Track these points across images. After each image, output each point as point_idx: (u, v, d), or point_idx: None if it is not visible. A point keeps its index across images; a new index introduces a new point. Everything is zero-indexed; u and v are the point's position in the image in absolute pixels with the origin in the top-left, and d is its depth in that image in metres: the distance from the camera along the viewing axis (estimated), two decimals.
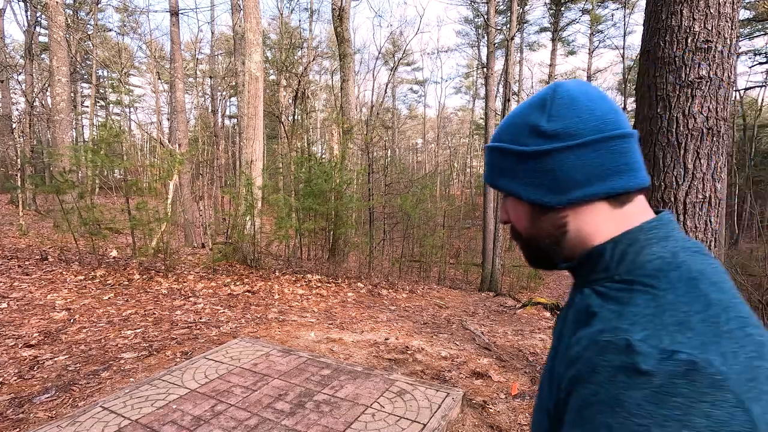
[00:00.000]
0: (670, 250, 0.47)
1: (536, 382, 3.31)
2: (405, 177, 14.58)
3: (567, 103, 0.53)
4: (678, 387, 0.36)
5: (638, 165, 0.52)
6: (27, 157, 13.56)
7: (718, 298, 0.43)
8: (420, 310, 6.19)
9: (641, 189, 0.53)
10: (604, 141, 0.51)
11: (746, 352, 0.38)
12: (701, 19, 2.38)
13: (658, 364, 0.37)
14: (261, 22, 7.61)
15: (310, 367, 3.11)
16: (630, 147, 0.53)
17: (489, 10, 12.49)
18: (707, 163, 2.43)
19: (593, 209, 0.52)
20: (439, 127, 36.32)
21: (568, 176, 0.52)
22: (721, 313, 0.41)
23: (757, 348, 0.38)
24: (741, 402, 0.35)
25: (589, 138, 0.51)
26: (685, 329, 0.39)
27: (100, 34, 22.29)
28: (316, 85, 27.92)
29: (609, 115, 0.52)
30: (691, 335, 0.38)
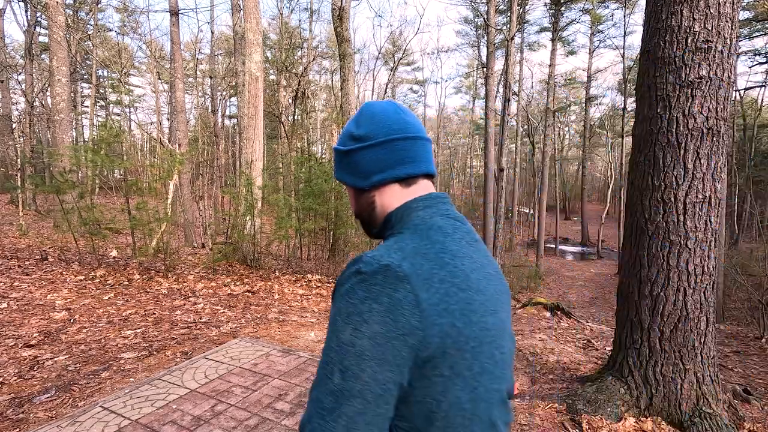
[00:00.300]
0: (428, 213, 0.68)
1: (536, 382, 3.31)
2: None
3: (369, 116, 0.73)
4: (377, 278, 0.56)
5: (420, 158, 0.72)
6: (27, 157, 13.56)
7: (437, 238, 0.63)
8: None
9: (425, 174, 0.73)
10: (391, 142, 0.70)
11: (431, 265, 0.58)
12: (701, 19, 2.38)
13: (368, 267, 0.57)
14: (261, 22, 7.61)
15: (310, 367, 3.11)
16: (412, 145, 0.72)
17: (489, 10, 12.49)
18: (707, 163, 2.43)
19: (389, 189, 0.72)
20: (439, 127, 36.33)
21: (369, 166, 0.71)
22: (429, 245, 0.61)
23: (440, 264, 0.59)
24: (414, 289, 0.55)
25: (380, 140, 0.70)
26: (398, 251, 0.60)
27: (100, 34, 22.29)
28: (316, 85, 27.92)
29: (398, 125, 0.71)
30: (399, 254, 0.59)
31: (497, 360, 0.61)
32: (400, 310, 0.54)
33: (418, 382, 0.55)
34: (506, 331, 0.66)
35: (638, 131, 2.66)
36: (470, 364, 0.57)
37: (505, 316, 0.67)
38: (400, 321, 0.54)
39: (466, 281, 0.59)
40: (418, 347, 0.54)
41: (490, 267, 0.68)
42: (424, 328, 0.54)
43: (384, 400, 0.53)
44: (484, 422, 0.59)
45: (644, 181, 2.57)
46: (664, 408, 2.46)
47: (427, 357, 0.54)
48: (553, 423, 2.50)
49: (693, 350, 2.47)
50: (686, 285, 2.45)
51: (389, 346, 0.53)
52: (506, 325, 0.66)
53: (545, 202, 22.60)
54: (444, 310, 0.56)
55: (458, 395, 0.57)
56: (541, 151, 23.06)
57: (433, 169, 0.74)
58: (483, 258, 0.67)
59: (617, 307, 2.87)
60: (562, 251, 26.64)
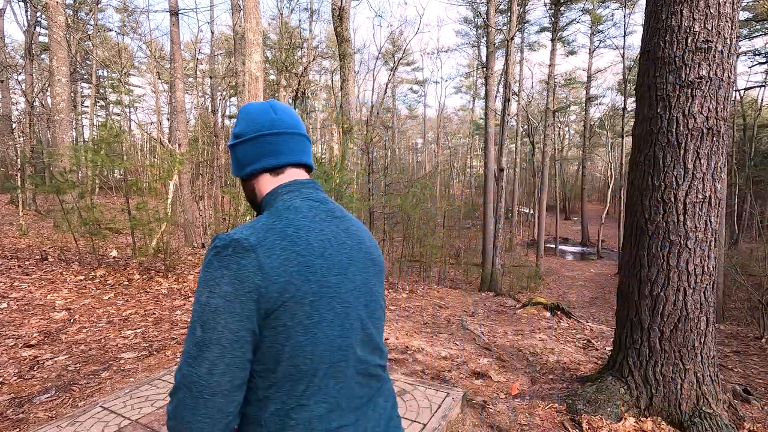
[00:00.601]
0: (290, 197, 0.80)
1: (536, 382, 3.31)
2: (405, 177, 14.60)
3: (244, 116, 0.87)
4: (228, 250, 0.69)
5: (285, 150, 0.85)
6: (27, 157, 13.56)
7: (287, 216, 0.76)
8: (420, 310, 6.19)
9: (293, 164, 0.86)
10: (260, 137, 0.84)
11: (275, 237, 0.71)
12: (701, 19, 2.38)
13: (221, 242, 0.70)
14: (261, 22, 7.61)
15: None
16: (279, 140, 0.85)
17: (489, 10, 12.49)
18: (707, 163, 2.43)
19: (262, 178, 0.85)
20: (439, 127, 36.32)
21: (244, 159, 0.85)
22: (278, 222, 0.74)
23: (283, 236, 0.72)
24: (258, 256, 0.68)
25: (250, 136, 0.84)
26: (250, 228, 0.73)
27: (100, 34, 22.29)
28: (316, 85, 27.91)
29: (267, 122, 0.84)
30: (250, 230, 0.72)
31: (338, 312, 0.73)
32: (246, 272, 0.67)
33: (266, 330, 0.68)
34: (359, 291, 0.79)
35: (638, 131, 2.66)
36: (309, 314, 0.70)
37: (361, 278, 0.80)
38: (246, 282, 0.67)
39: (307, 249, 0.72)
40: (261, 301, 0.67)
41: (350, 239, 0.81)
42: (266, 286, 0.67)
43: (239, 345, 0.67)
44: (325, 362, 0.71)
45: (644, 181, 2.57)
46: (664, 408, 2.46)
47: (269, 309, 0.67)
48: (553, 423, 2.49)
49: (693, 350, 2.47)
50: (686, 285, 2.45)
51: (237, 302, 0.66)
52: (358, 285, 0.79)
53: (545, 202, 22.60)
54: (283, 272, 0.68)
55: (299, 340, 0.69)
56: (541, 151, 23.06)
57: (302, 159, 0.87)
58: (340, 231, 0.81)
59: (617, 307, 2.87)
60: (562, 251, 26.64)
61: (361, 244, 0.84)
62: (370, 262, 0.84)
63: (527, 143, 28.82)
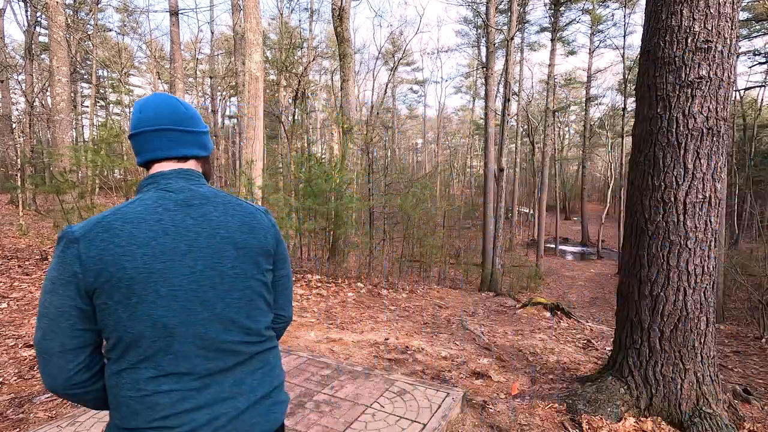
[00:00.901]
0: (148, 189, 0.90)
1: (536, 382, 3.31)
2: (405, 177, 14.59)
3: (133, 112, 0.96)
4: (62, 241, 0.82)
5: (147, 149, 0.93)
6: (27, 157, 13.55)
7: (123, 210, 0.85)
8: (420, 310, 6.19)
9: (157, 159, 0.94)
10: (131, 138, 0.94)
11: (99, 230, 0.82)
12: (701, 19, 2.38)
13: (60, 234, 0.83)
14: (261, 22, 7.61)
15: (310, 367, 3.11)
16: (141, 139, 0.94)
17: (489, 10, 12.49)
18: (707, 163, 2.43)
19: (147, 168, 0.96)
20: (439, 127, 36.31)
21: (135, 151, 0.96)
22: (110, 215, 0.84)
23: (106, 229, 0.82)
24: (79, 249, 0.80)
25: (130, 133, 0.95)
26: (87, 221, 0.84)
27: (100, 34, 22.28)
28: (316, 85, 27.91)
29: (133, 124, 0.94)
30: (83, 224, 0.83)
31: (162, 294, 0.81)
32: (67, 261, 0.80)
33: (96, 307, 0.82)
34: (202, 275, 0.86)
35: (638, 131, 2.66)
36: (127, 295, 0.80)
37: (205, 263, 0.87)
38: (67, 268, 0.80)
39: (130, 239, 0.81)
40: (81, 285, 0.80)
41: (201, 227, 0.88)
42: (83, 272, 0.79)
43: (63, 318, 0.81)
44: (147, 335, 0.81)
45: (644, 181, 2.57)
46: (664, 408, 2.46)
47: (89, 291, 0.80)
48: (553, 423, 2.50)
49: (693, 350, 2.47)
50: (686, 285, 2.45)
51: (59, 284, 0.81)
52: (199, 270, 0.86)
53: (545, 202, 22.59)
54: (99, 260, 0.79)
55: (120, 316, 0.80)
56: (541, 151, 23.06)
57: (164, 155, 0.93)
58: (188, 219, 0.87)
59: (617, 307, 2.87)
60: (562, 251, 26.64)
61: (218, 230, 0.89)
62: (231, 246, 0.90)
63: (527, 143, 28.81)
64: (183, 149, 0.95)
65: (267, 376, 0.95)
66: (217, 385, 0.87)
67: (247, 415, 0.89)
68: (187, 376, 0.84)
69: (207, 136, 1.02)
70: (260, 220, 0.98)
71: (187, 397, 0.83)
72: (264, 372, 0.94)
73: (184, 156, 0.96)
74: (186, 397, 0.83)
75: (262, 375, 0.94)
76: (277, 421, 0.95)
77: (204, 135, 1.01)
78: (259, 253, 0.95)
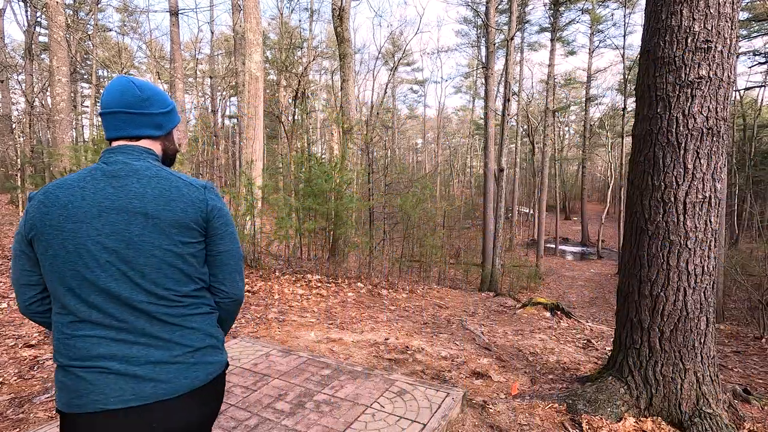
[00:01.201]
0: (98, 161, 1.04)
1: (536, 382, 3.31)
2: (405, 177, 14.57)
3: None
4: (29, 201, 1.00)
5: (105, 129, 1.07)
6: (27, 157, 13.55)
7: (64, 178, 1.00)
8: (420, 310, 6.19)
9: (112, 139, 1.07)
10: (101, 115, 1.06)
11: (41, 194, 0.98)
12: (701, 19, 2.38)
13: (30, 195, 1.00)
14: (261, 22, 7.61)
15: (310, 367, 3.11)
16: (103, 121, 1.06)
17: (489, 10, 12.49)
18: (707, 163, 2.43)
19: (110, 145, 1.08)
20: (439, 127, 36.30)
21: None
22: (53, 183, 0.99)
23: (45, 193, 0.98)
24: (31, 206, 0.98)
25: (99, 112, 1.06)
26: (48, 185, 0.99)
27: (100, 34, 22.27)
28: (316, 85, 27.91)
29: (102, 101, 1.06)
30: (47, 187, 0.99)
31: (70, 250, 0.94)
32: (24, 216, 0.99)
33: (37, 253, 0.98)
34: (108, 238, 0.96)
35: (638, 131, 2.66)
36: (46, 248, 0.95)
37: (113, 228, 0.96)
38: (21, 221, 0.99)
39: (54, 202, 0.95)
40: (23, 234, 0.98)
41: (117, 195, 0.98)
42: (26, 225, 0.97)
43: (18, 259, 1.01)
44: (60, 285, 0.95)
45: (644, 181, 2.57)
46: (664, 408, 2.46)
47: (28, 240, 0.98)
48: (553, 423, 2.50)
49: (693, 350, 2.47)
50: (686, 285, 2.45)
51: (18, 234, 1.00)
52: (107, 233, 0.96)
53: (545, 202, 22.60)
54: (33, 217, 0.96)
55: (44, 265, 0.97)
56: (541, 151, 23.06)
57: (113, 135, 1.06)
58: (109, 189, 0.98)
59: (617, 307, 2.87)
60: (562, 251, 26.64)
61: (133, 200, 0.98)
62: (141, 216, 0.98)
63: (527, 143, 28.82)
64: (134, 130, 1.06)
65: (185, 337, 1.02)
66: (131, 337, 0.96)
67: (161, 369, 0.97)
68: (100, 326, 0.95)
69: (163, 116, 1.11)
70: (184, 194, 1.03)
71: (101, 344, 0.95)
72: (182, 333, 1.02)
73: (136, 136, 1.07)
74: (100, 344, 0.95)
75: (181, 336, 1.01)
76: (195, 379, 1.02)
77: (158, 116, 1.10)
78: (172, 225, 1.00)
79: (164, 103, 1.12)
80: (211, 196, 1.08)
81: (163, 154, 1.15)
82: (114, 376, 0.93)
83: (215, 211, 1.07)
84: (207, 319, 1.09)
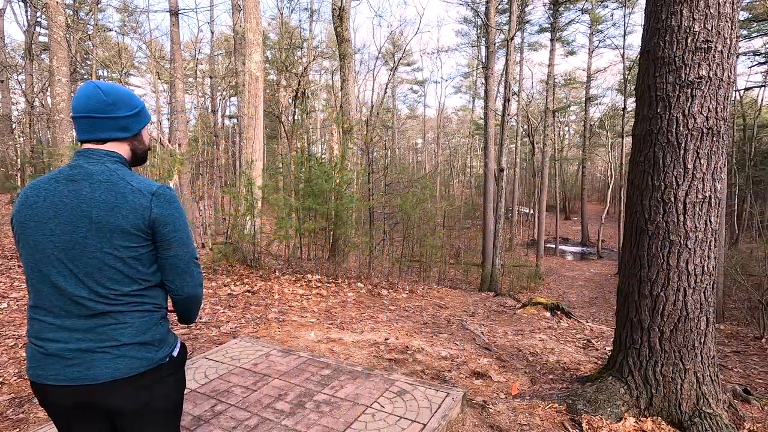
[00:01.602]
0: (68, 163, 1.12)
1: (536, 382, 3.31)
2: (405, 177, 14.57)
3: None
4: None
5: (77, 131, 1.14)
6: (27, 157, 13.54)
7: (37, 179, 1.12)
8: (420, 310, 6.19)
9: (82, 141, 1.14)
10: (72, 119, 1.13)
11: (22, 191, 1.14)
12: (701, 19, 2.38)
13: None
14: (261, 22, 7.61)
15: (310, 367, 3.11)
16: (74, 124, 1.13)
17: (489, 10, 12.49)
18: (707, 163, 2.43)
19: None
20: (439, 127, 36.28)
21: None
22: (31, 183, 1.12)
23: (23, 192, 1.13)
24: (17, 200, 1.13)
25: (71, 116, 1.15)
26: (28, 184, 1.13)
27: (100, 34, 22.26)
28: (316, 85, 27.90)
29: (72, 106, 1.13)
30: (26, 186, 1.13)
31: (31, 246, 1.08)
32: None
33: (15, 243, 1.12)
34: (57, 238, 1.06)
35: (638, 131, 2.66)
36: (17, 240, 1.10)
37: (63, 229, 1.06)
38: None
39: (23, 201, 1.09)
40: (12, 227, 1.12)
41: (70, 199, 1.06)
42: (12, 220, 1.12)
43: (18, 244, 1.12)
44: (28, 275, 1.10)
45: (644, 181, 2.57)
46: (664, 408, 2.46)
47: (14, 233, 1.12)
48: (553, 423, 2.50)
49: (693, 350, 2.47)
50: (686, 285, 2.45)
51: None
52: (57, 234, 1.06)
53: (545, 202, 22.60)
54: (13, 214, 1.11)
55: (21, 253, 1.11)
56: (541, 151, 23.05)
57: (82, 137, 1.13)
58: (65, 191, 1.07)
59: (617, 307, 2.87)
60: (562, 251, 26.63)
61: (82, 204, 1.06)
62: (87, 220, 1.06)
63: (527, 143, 28.81)
64: (100, 133, 1.14)
65: (117, 331, 1.09)
66: (71, 325, 1.08)
67: (87, 356, 1.07)
68: (50, 313, 1.08)
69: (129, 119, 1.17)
70: (128, 201, 1.08)
71: (50, 329, 1.08)
72: (115, 328, 1.09)
73: (102, 139, 1.14)
74: (49, 329, 1.08)
75: (113, 329, 1.09)
76: (116, 371, 1.08)
77: (124, 119, 1.16)
78: (113, 231, 1.07)
79: (131, 105, 1.18)
80: (158, 203, 1.11)
81: (133, 154, 1.22)
82: (52, 357, 1.07)
83: (160, 218, 1.11)
84: (146, 317, 1.15)
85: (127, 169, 1.16)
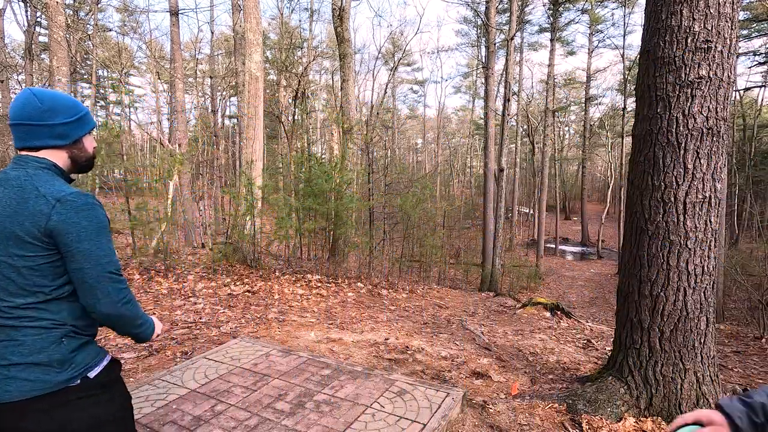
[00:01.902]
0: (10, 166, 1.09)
1: (536, 382, 3.31)
2: (405, 177, 14.57)
3: None
4: None
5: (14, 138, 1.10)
6: None
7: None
8: (420, 310, 6.19)
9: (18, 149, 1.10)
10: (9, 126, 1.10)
11: None
12: (701, 19, 2.38)
13: None
14: (261, 22, 7.61)
15: (310, 367, 3.11)
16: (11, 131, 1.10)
17: (489, 10, 12.49)
18: (707, 163, 2.43)
19: None
20: (439, 127, 36.29)
21: None
22: None
23: None
24: None
25: None
26: None
27: (100, 34, 22.27)
28: (316, 85, 27.91)
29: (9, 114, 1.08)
30: None
31: None
32: None
33: None
34: None
35: (638, 131, 2.66)
36: None
37: None
38: None
39: None
40: None
41: None
42: None
43: None
44: None
45: (644, 181, 2.57)
46: (664, 408, 2.46)
47: None
48: (553, 423, 2.50)
49: (693, 350, 2.47)
50: (686, 285, 2.45)
51: None
52: None
53: (545, 202, 22.60)
54: None
55: None
56: (541, 151, 23.05)
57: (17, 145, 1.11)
58: None
59: (617, 307, 2.87)
60: (562, 251, 26.64)
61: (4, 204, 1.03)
62: None
63: (527, 143, 28.81)
64: (34, 141, 1.10)
65: (9, 349, 1.02)
66: None
67: None
68: None
69: (67, 126, 1.13)
70: (29, 207, 1.02)
71: None
72: (7, 345, 1.02)
73: (36, 146, 1.10)
74: None
75: (5, 347, 1.02)
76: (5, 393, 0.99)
77: (61, 126, 1.12)
78: (9, 238, 1.02)
79: (70, 112, 1.14)
80: (61, 211, 1.03)
81: (72, 162, 1.18)
82: None
83: (60, 227, 1.02)
84: (42, 334, 1.04)
85: (50, 176, 1.09)
